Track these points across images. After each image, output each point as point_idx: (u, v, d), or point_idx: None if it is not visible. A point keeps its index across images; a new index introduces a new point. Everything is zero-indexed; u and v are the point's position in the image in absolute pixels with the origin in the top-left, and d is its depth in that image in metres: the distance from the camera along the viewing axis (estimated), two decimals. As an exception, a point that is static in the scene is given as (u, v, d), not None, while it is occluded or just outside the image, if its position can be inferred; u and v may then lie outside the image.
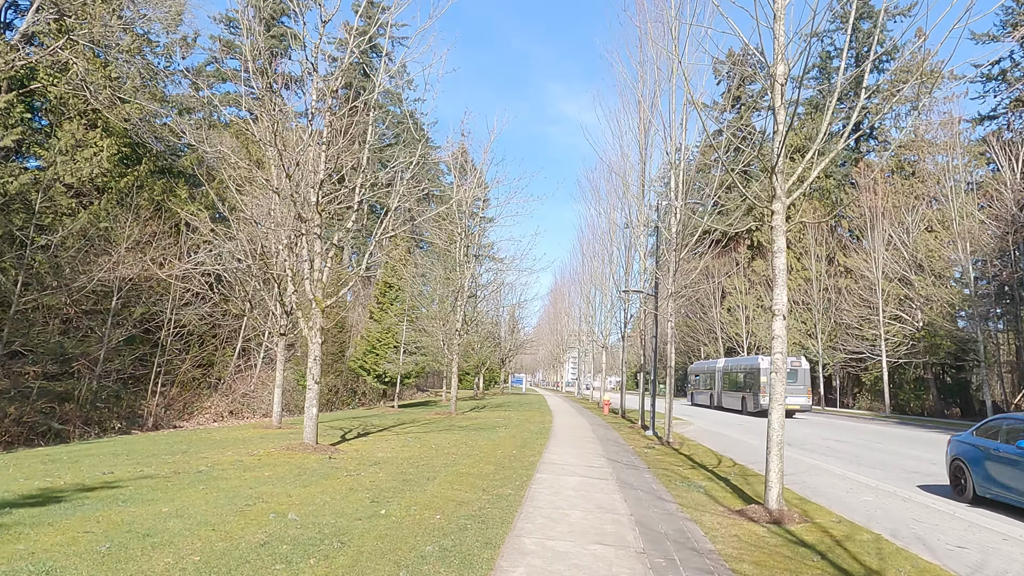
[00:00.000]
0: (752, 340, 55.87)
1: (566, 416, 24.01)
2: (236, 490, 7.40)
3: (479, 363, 46.36)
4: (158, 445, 13.65)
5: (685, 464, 11.41)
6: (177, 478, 8.31)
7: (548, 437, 14.99)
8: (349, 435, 14.92)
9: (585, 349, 48.61)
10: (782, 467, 6.94)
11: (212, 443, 13.73)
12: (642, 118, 19.59)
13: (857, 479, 11.00)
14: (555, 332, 63.58)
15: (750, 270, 57.53)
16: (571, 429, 17.86)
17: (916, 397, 46.02)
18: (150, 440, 15.57)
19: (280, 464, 9.62)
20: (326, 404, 35.30)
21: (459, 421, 19.95)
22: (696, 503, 7.70)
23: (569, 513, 6.62)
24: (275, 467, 9.32)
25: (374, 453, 11.21)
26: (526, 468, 9.67)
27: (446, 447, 12.35)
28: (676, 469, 10.63)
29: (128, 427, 21.14)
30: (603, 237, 28.11)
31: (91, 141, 26.60)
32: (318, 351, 11.63)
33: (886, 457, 14.79)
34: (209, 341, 27.07)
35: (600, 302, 33.92)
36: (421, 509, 6.55)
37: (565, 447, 12.98)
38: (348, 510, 6.40)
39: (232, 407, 26.44)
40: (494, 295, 39.93)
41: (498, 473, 9.09)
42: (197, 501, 6.72)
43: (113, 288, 22.61)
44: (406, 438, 14.08)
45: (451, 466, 9.68)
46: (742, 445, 16.27)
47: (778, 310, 7.02)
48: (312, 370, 11.56)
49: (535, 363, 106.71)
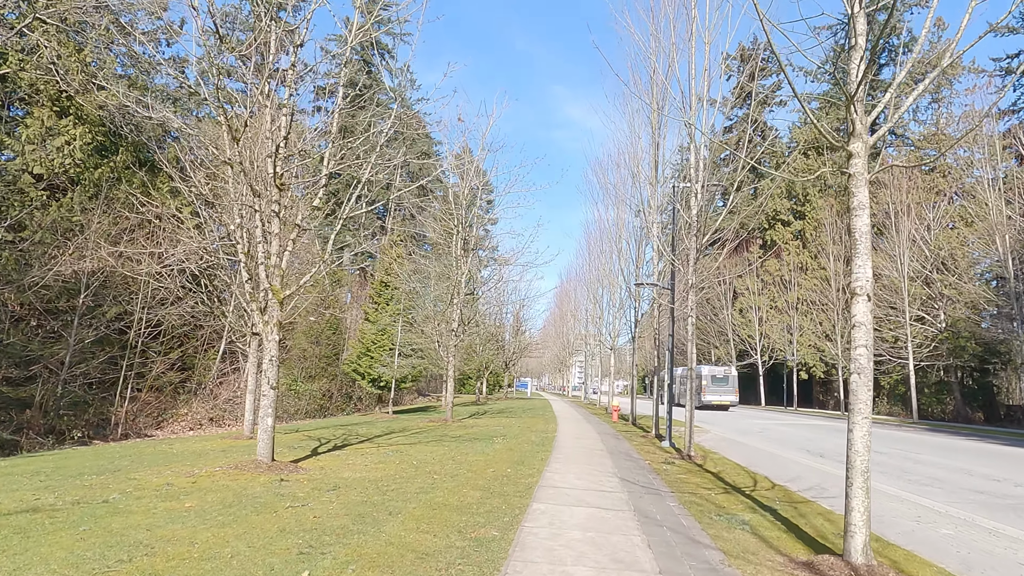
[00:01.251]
0: (766, 342, 53.69)
1: (572, 424, 22.04)
2: (127, 533, 5.52)
3: (481, 366, 44.40)
4: (98, 460, 11.80)
5: (715, 485, 9.45)
6: (69, 512, 6.44)
7: (551, 450, 13.06)
8: (322, 448, 13.03)
9: (592, 352, 46.59)
10: (869, 504, 4.99)
11: (161, 458, 11.87)
12: (655, 93, 17.67)
13: (919, 502, 9.06)
14: (561, 335, 61.62)
15: (763, 270, 55.37)
16: (577, 439, 15.91)
17: (938, 401, 43.80)
18: (96, 453, 13.72)
19: (215, 490, 7.74)
20: (318, 410, 33.44)
21: (453, 430, 18.04)
22: (744, 548, 5.75)
23: (574, 573, 4.70)
24: (206, 494, 7.45)
25: (340, 473, 9.31)
26: (520, 494, 7.74)
27: (429, 464, 10.44)
28: (706, 493, 8.67)
29: (91, 436, 19.33)
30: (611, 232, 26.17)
31: (62, 129, 24.93)
32: (275, 351, 9.75)
33: (935, 471, 12.84)
34: (189, 343, 25.30)
35: (608, 302, 31.98)
36: (364, 568, 4.64)
37: (570, 463, 11.05)
38: (258, 571, 4.51)
39: (214, 414, 24.62)
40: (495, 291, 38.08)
41: (484, 503, 7.17)
42: (56, 553, 4.84)
43: (81, 285, 20.86)
44: (386, 452, 12.18)
45: (427, 492, 7.77)
46: (769, 457, 14.30)
47: (860, 287, 5.09)
48: (268, 373, 9.68)
49: (541, 367, 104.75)
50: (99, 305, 21.49)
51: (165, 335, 23.16)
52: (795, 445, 18.05)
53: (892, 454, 16.20)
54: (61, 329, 20.68)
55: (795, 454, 15.60)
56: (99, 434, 19.95)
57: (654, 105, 17.82)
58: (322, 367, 35.43)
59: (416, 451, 12.32)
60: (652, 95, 17.57)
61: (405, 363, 29.58)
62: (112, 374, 21.41)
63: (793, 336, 49.99)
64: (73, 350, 20.64)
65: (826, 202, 50.69)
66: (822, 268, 49.86)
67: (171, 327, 23.77)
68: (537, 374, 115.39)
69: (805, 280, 51.03)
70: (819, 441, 19.54)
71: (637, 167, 18.10)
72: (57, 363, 20.49)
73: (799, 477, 11.44)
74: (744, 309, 56.38)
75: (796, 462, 13.85)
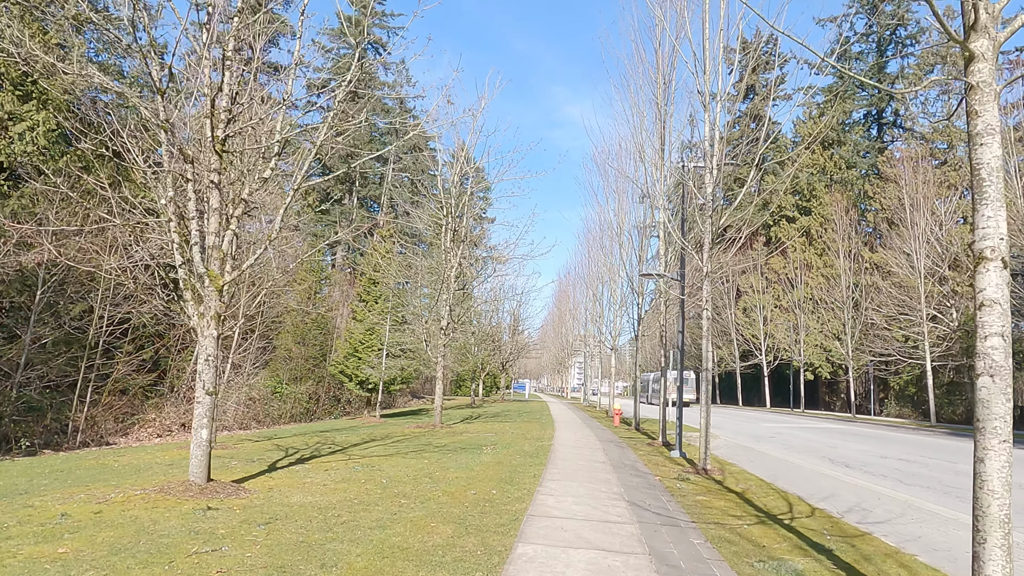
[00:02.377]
0: (771, 342, 52.00)
1: (570, 429, 20.38)
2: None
3: (476, 367, 42.69)
4: (16, 477, 10.15)
5: (743, 511, 7.80)
6: None
7: (546, 462, 11.40)
8: (284, 461, 11.37)
9: (592, 353, 44.91)
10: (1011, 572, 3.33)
11: (94, 474, 10.21)
12: (660, 66, 16.06)
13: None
14: (560, 335, 59.99)
15: (767, 268, 53.72)
16: (576, 449, 14.25)
17: (949, 403, 42.16)
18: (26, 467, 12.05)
19: (117, 524, 6.08)
20: (304, 414, 31.75)
21: (440, 437, 16.37)
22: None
23: None
24: (101, 531, 5.79)
25: (288, 497, 7.65)
26: (503, 530, 6.09)
27: (400, 483, 8.78)
28: (736, 524, 7.02)
29: (42, 445, 17.64)
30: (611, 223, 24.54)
31: (25, 114, 23.30)
32: (212, 348, 8.09)
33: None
34: (160, 342, 23.61)
35: (609, 299, 30.36)
36: None
37: (568, 480, 9.39)
38: None
39: (186, 419, 22.86)
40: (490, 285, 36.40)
41: (455, 545, 5.52)
42: None
43: (38, 280, 19.20)
44: (355, 466, 10.51)
45: (385, 527, 6.11)
46: (793, 469, 12.67)
47: (990, 248, 3.45)
48: (202, 375, 8.02)
49: (539, 368, 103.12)
50: (57, 302, 19.81)
51: (132, 333, 21.46)
52: (815, 453, 16.47)
53: (924, 463, 14.60)
54: (15, 327, 19.00)
55: (818, 464, 14.01)
56: (53, 442, 18.26)
57: (659, 80, 16.23)
58: (309, 368, 33.74)
59: (390, 465, 10.66)
60: (658, 67, 15.97)
61: (393, 364, 27.90)
62: (73, 376, 19.71)
63: (800, 336, 48.33)
64: (30, 349, 18.97)
65: (832, 197, 49.08)
66: (828, 266, 48.24)
67: (140, 325, 22.07)
68: (536, 375, 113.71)
69: (811, 278, 49.40)
70: (839, 448, 17.99)
71: (641, 148, 16.47)
72: (11, 364, 18.82)
73: (834, 495, 9.83)
74: (748, 308, 54.71)
75: (823, 474, 12.25)
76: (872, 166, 51.74)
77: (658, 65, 16.11)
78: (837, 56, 52.02)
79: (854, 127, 54.60)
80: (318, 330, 35.26)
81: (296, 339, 33.32)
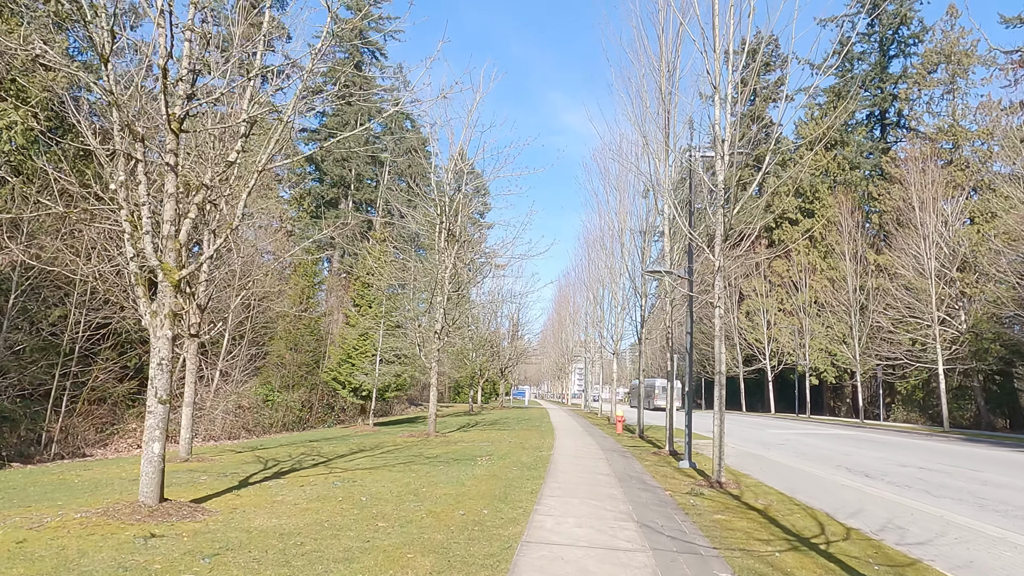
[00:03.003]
0: (774, 347, 50.98)
1: (571, 437, 19.40)
2: None
3: (474, 373, 41.68)
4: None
5: (770, 533, 6.85)
6: None
7: (545, 475, 10.45)
8: (260, 474, 10.43)
9: (592, 358, 43.94)
10: None
11: (46, 491, 9.26)
12: (664, 53, 15.21)
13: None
14: (559, 341, 59.01)
15: (770, 271, 52.81)
16: (578, 459, 13.29)
17: (958, 407, 41.18)
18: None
19: (36, 557, 5.13)
20: (296, 422, 30.74)
21: (432, 447, 15.41)
22: None
23: None
24: (14, 565, 4.84)
25: (250, 520, 6.70)
26: (493, 561, 5.14)
27: (381, 501, 7.83)
28: (764, 551, 6.07)
29: (11, 458, 16.66)
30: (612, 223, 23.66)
31: (2, 113, 22.42)
32: (166, 350, 7.16)
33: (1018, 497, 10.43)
34: (144, 348, 22.66)
35: (610, 302, 29.47)
36: None
37: (569, 497, 8.44)
38: None
39: (171, 428, 21.92)
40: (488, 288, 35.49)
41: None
42: None
43: (11, 283, 18.29)
44: (335, 481, 9.56)
45: (353, 560, 5.16)
46: (811, 480, 11.73)
47: None
48: (155, 382, 7.10)
49: (539, 374, 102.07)
50: (31, 308, 18.88)
51: (113, 339, 20.49)
52: (830, 461, 15.55)
53: (948, 472, 13.67)
54: (-13, 333, 18.07)
55: (836, 473, 13.10)
56: (27, 454, 17.28)
57: (663, 68, 15.37)
58: (302, 375, 32.74)
59: (373, 479, 9.70)
60: (661, 54, 15.11)
61: (388, 370, 26.97)
62: (48, 384, 18.75)
63: (805, 340, 47.35)
64: (3, 356, 18.04)
65: (837, 199, 48.17)
66: (833, 268, 47.29)
67: (122, 331, 21.12)
68: (535, 381, 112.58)
69: (816, 281, 48.46)
70: (853, 455, 17.08)
71: (645, 139, 15.58)
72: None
73: (862, 510, 8.91)
74: (751, 312, 53.69)
75: (844, 485, 11.33)
76: (876, 167, 50.91)
77: (661, 52, 15.27)
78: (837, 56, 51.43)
79: (857, 128, 53.78)
80: (312, 336, 34.29)
81: (289, 345, 32.34)
